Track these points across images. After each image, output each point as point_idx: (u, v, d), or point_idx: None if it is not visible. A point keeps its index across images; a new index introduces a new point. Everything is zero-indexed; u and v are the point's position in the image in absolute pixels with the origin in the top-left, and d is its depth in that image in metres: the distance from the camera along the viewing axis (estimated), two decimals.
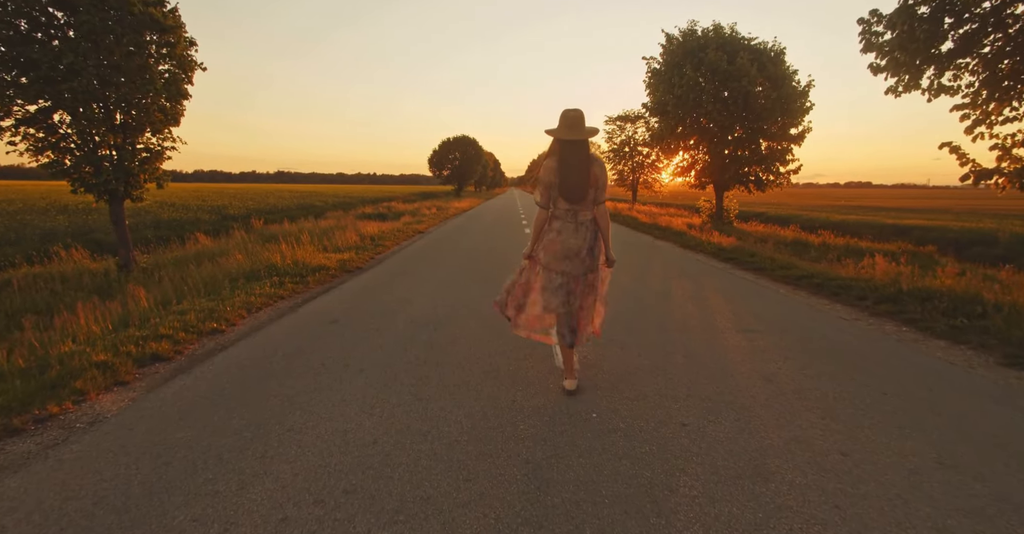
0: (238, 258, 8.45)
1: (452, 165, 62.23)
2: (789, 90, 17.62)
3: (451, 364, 4.04)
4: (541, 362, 4.09)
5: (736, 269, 8.69)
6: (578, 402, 3.31)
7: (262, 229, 14.64)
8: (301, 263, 8.29)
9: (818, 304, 6.07)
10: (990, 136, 8.10)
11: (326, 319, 5.47)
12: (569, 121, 3.40)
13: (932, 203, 47.88)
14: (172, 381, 3.77)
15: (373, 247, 11.24)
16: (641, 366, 3.95)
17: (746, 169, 18.84)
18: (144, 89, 8.34)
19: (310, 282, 7.42)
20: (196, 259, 9.71)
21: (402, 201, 38.34)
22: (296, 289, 6.98)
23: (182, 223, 16.77)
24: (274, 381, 3.71)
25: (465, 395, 3.44)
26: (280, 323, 5.36)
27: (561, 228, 3.45)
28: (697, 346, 4.44)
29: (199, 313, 5.45)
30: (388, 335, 4.84)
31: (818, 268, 7.80)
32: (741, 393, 3.42)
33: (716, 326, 5.07)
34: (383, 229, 14.65)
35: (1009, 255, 13.68)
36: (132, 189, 9.03)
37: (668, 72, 19.06)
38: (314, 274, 7.86)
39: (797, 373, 3.78)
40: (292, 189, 61.19)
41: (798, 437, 2.79)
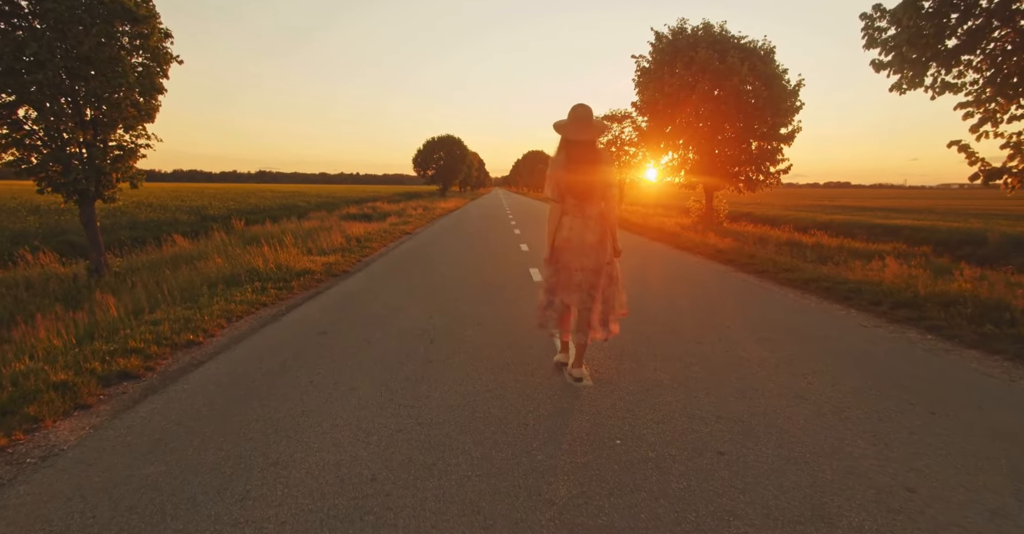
0: (217, 262, 8.00)
1: (437, 165, 61.67)
2: (779, 89, 17.49)
3: (452, 381, 3.69)
4: (550, 378, 3.75)
5: (738, 272, 8.43)
6: (598, 425, 2.98)
7: (243, 230, 14.15)
8: (285, 267, 7.87)
9: (831, 309, 5.80)
10: (995, 134, 7.94)
11: (313, 329, 5.09)
12: (578, 119, 3.49)
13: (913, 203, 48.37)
14: (141, 403, 3.37)
15: (359, 249, 10.82)
16: (660, 382, 3.63)
17: (736, 169, 18.69)
18: (116, 83, 7.87)
19: (294, 287, 7.01)
20: (173, 263, 9.23)
21: (387, 201, 37.82)
22: (280, 295, 6.57)
23: (159, 224, 16.20)
24: (256, 402, 3.33)
25: (471, 418, 3.09)
26: (263, 334, 4.96)
27: (572, 224, 3.57)
28: (716, 357, 4.13)
29: (174, 323, 5.03)
30: (381, 348, 4.47)
31: (823, 271, 7.56)
32: (776, 413, 3.11)
33: (731, 335, 4.77)
34: (369, 230, 14.22)
35: (998, 255, 13.65)
36: (103, 189, 8.55)
37: (658, 70, 18.84)
38: (298, 279, 7.44)
39: (830, 389, 3.48)
40: (274, 189, 60.25)
41: (853, 469, 2.48)
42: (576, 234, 3.56)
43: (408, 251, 11.24)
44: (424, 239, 13.87)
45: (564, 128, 3.56)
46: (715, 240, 11.97)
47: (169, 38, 8.62)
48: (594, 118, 3.57)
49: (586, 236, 3.56)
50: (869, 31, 8.16)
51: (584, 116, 3.50)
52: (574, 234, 3.57)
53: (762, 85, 17.22)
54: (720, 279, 7.85)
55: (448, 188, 64.73)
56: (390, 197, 46.92)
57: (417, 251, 11.09)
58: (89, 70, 7.73)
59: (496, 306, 6.03)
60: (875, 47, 8.08)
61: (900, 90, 7.96)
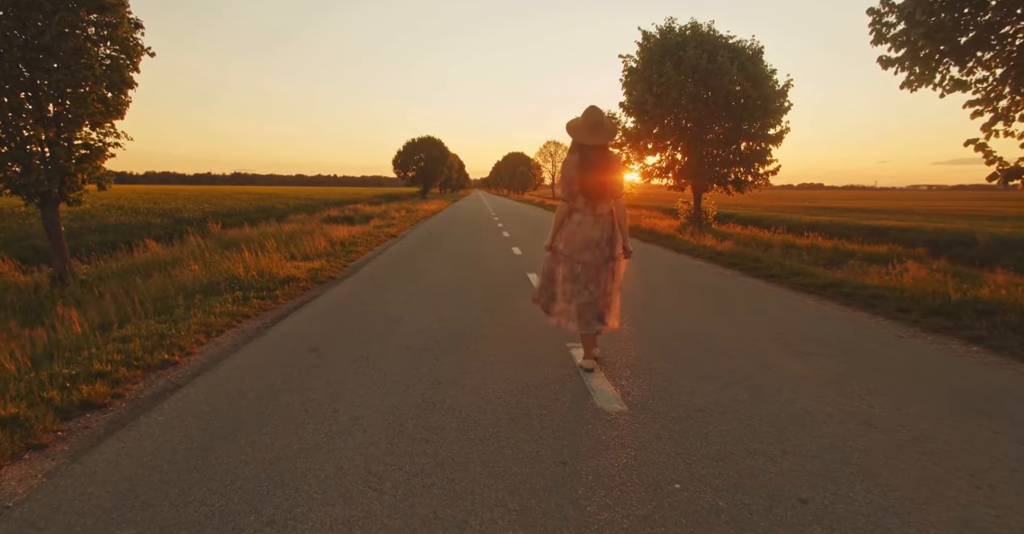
0: (194, 269, 7.44)
1: (417, 166, 60.97)
2: (768, 90, 17.33)
3: (469, 408, 3.24)
4: (577, 402, 3.33)
5: (746, 276, 8.10)
6: (647, 464, 2.56)
7: (220, 234, 13.50)
8: (267, 274, 7.34)
9: (858, 318, 5.47)
10: (1005, 133, 7.73)
11: (303, 345, 4.60)
12: (591, 123, 3.63)
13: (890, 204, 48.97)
14: (107, 441, 2.88)
15: (345, 254, 10.30)
16: (703, 407, 3.22)
17: (725, 170, 18.49)
18: (80, 76, 7.28)
19: (279, 297, 6.49)
20: (145, 269, 8.63)
21: (367, 203, 37.12)
22: (263, 306, 6.05)
23: (130, 228, 15.43)
24: (244, 439, 2.86)
25: (499, 456, 2.66)
26: (246, 351, 4.46)
27: (581, 220, 3.72)
28: (756, 376, 3.74)
29: (146, 339, 4.51)
30: (382, 367, 4.01)
31: (838, 275, 7.25)
32: (847, 446, 2.72)
33: (764, 348, 4.39)
34: (353, 233, 13.68)
35: (989, 255, 13.59)
36: (68, 191, 7.93)
37: (646, 70, 18.57)
38: (283, 287, 6.92)
39: (896, 414, 3.11)
40: (250, 191, 59.02)
41: (968, 521, 2.10)
42: (584, 229, 3.72)
43: (396, 255, 10.75)
44: (411, 242, 13.36)
45: (577, 132, 3.70)
46: (712, 242, 11.67)
47: (140, 29, 8.03)
48: (605, 119, 3.69)
49: (593, 233, 3.71)
50: (877, 26, 7.90)
51: (597, 120, 3.64)
52: (582, 229, 3.73)
53: (751, 85, 17.03)
54: (731, 284, 7.51)
55: (429, 190, 64.07)
56: (370, 199, 46.13)
57: (405, 255, 10.60)
58: (51, 62, 7.12)
59: (500, 315, 5.60)
60: (883, 43, 7.83)
61: (911, 87, 7.71)
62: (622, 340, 4.67)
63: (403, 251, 11.40)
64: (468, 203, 47.77)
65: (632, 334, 4.87)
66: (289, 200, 36.41)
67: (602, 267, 3.73)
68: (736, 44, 17.87)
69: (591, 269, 3.73)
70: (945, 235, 17.00)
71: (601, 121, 3.66)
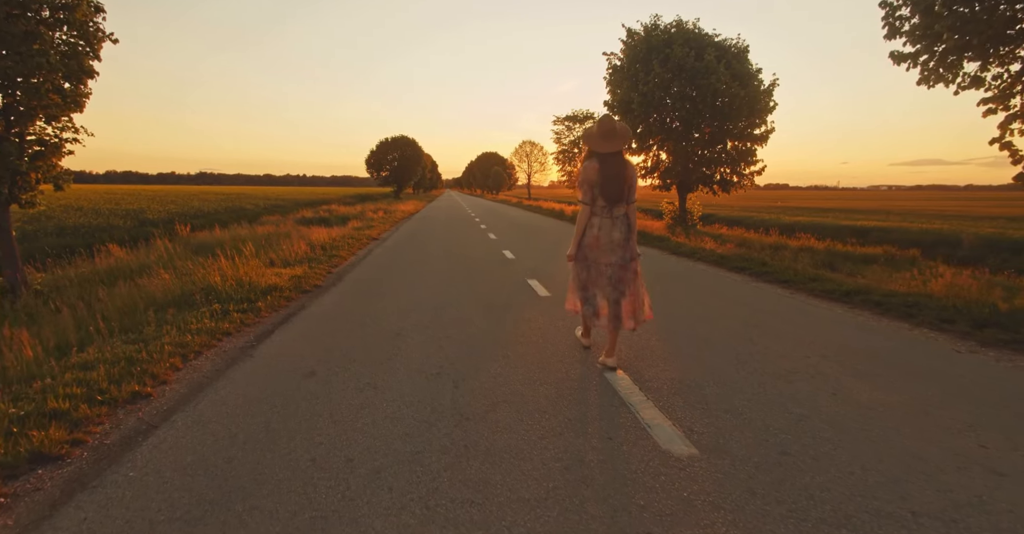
0: (164, 277, 6.73)
1: (391, 166, 59.93)
2: (754, 89, 17.14)
3: (510, 453, 2.71)
4: (637, 440, 2.82)
5: (758, 281, 7.71)
6: (731, 526, 2.07)
7: (189, 237, 12.67)
8: (247, 283, 6.67)
9: (900, 329, 5.08)
10: (1020, 133, 7.50)
11: (296, 369, 4.00)
12: (605, 131, 3.87)
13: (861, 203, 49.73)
14: (64, 509, 2.28)
15: (327, 259, 9.64)
16: (787, 448, 2.74)
17: (711, 170, 18.26)
18: (33, 63, 6.51)
19: (262, 309, 5.85)
20: (109, 278, 7.86)
21: (341, 204, 36.17)
22: (245, 320, 5.42)
23: (92, 230, 14.42)
24: (240, 503, 2.28)
25: (565, 524, 2.13)
26: (231, 378, 3.85)
27: (601, 224, 3.94)
28: (828, 405, 3.28)
29: (112, 366, 3.86)
30: (394, 397, 3.45)
31: (860, 282, 6.90)
32: (986, 505, 2.26)
33: (820, 368, 3.95)
34: (333, 236, 12.98)
35: (975, 256, 13.56)
36: (20, 191, 7.14)
37: (631, 68, 18.24)
38: (265, 297, 6.28)
39: (1013, 453, 2.68)
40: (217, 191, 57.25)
41: None
42: (605, 233, 3.93)
43: (382, 259, 10.12)
44: (395, 245, 12.72)
45: (592, 140, 3.93)
46: (712, 245, 11.31)
47: (101, 13, 7.27)
48: (618, 126, 3.90)
49: (614, 234, 3.92)
50: (890, 20, 7.60)
51: (610, 128, 3.86)
52: (603, 233, 3.93)
53: (739, 84, 16.80)
54: (748, 291, 7.11)
55: (403, 190, 63.08)
56: (343, 199, 45.04)
57: (392, 259, 9.98)
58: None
59: (512, 330, 5.07)
60: (898, 37, 7.52)
61: (929, 84, 7.42)
62: (655, 357, 4.19)
63: (388, 255, 10.78)
64: (444, 203, 47.03)
65: (664, 349, 4.40)
66: (259, 200, 35.22)
67: (627, 266, 3.95)
68: (722, 43, 17.64)
69: (619, 269, 3.94)
70: (929, 235, 17.02)
71: (614, 128, 3.88)
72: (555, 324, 5.30)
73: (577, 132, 33.41)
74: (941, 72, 7.32)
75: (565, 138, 33.76)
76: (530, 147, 56.63)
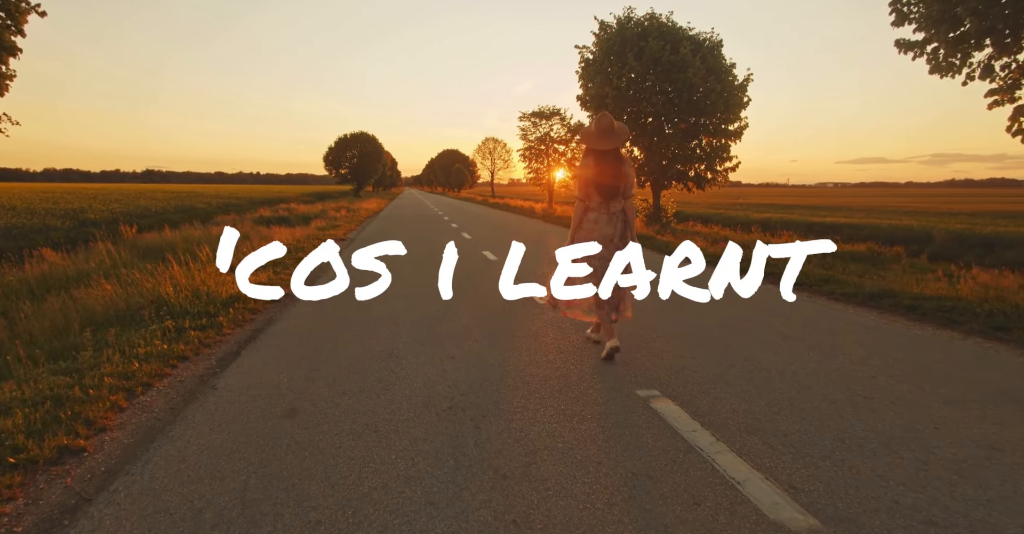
0: (106, 288, 5.80)
1: (350, 163, 58.31)
2: (728, 84, 16.87)
3: (564, 526, 2.05)
4: (734, 505, 2.20)
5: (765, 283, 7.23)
6: None
7: (135, 239, 11.53)
8: (205, 293, 5.80)
9: (954, 339, 4.58)
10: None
11: (273, 405, 3.25)
12: (602, 128, 3.93)
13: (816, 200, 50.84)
14: None
15: (293, 262, 8.76)
16: (928, 514, 2.15)
17: (687, 166, 17.94)
18: None
19: (223, 325, 5.02)
20: (38, 289, 6.83)
21: (300, 202, 34.77)
22: (205, 339, 4.59)
23: (24, 232, 13.06)
24: None
25: None
26: (190, 420, 3.07)
27: (597, 218, 4.00)
28: (941, 446, 2.71)
29: (34, 408, 3.03)
30: (402, 446, 2.74)
31: (880, 284, 6.47)
32: None
33: (902, 393, 3.40)
34: (296, 237, 12.05)
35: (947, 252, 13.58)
36: None
37: (605, 62, 17.75)
38: (227, 310, 5.44)
39: None
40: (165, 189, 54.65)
41: None
42: (600, 227, 4.01)
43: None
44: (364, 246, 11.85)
45: (589, 138, 4.02)
46: (702, 244, 10.85)
47: None
48: (615, 124, 3.98)
49: (608, 230, 3.99)
50: (898, 6, 7.21)
51: (607, 125, 3.94)
52: (598, 227, 4.01)
53: (715, 79, 16.50)
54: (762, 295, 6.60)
55: (363, 188, 61.50)
56: (300, 198, 43.46)
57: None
58: None
59: (521, 347, 4.41)
60: (907, 23, 7.14)
61: (941, 74, 7.06)
62: (699, 380, 3.60)
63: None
64: (407, 201, 45.84)
65: (704, 370, 3.80)
66: (211, 199, 33.48)
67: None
68: (696, 36, 17.31)
69: (607, 263, 3.94)
70: (901, 231, 17.12)
71: (611, 126, 3.95)
72: (567, 338, 4.66)
73: (543, 128, 32.84)
74: (951, 61, 6.96)
75: (531, 134, 33.07)
76: (493, 144, 55.88)
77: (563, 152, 32.49)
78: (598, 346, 4.37)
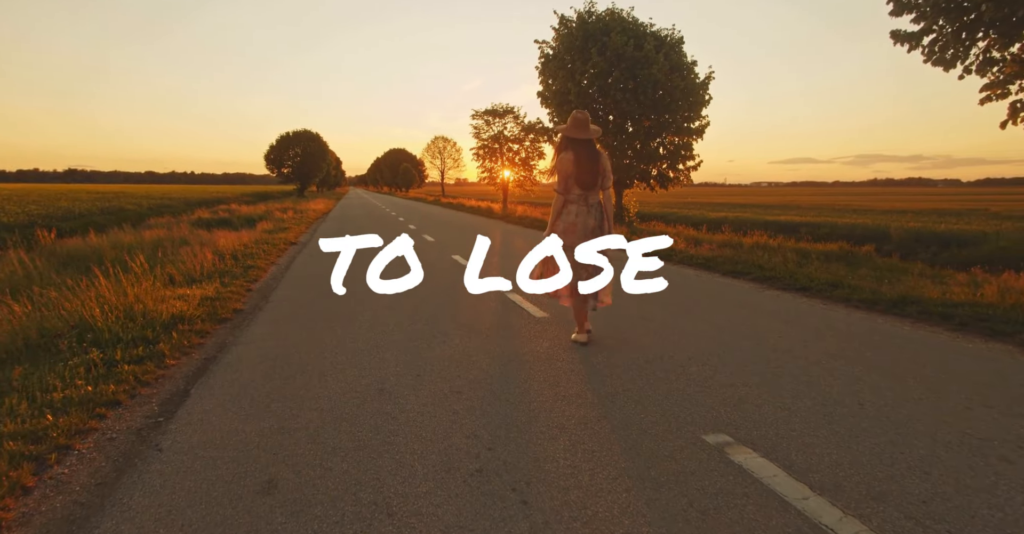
0: (14, 310, 4.73)
1: (293, 162, 55.96)
2: (691, 81, 16.64)
3: None
4: None
5: (769, 289, 6.77)
6: None
7: (54, 245, 10.17)
8: (141, 312, 4.83)
9: (1014, 354, 4.15)
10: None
11: (242, 475, 2.43)
12: (578, 123, 4.14)
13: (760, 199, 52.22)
14: None
15: (243, 271, 7.78)
16: None
17: (650, 165, 17.62)
18: None
19: (166, 354, 4.10)
20: None
21: (240, 203, 32.85)
22: (142, 375, 3.67)
23: None
24: None
25: None
26: (126, 502, 2.23)
27: (577, 211, 4.16)
28: None
29: None
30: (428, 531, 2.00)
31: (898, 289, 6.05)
32: None
33: (1015, 431, 2.90)
34: (243, 241, 10.93)
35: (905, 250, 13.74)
36: None
37: (567, 57, 17.21)
38: (169, 333, 4.51)
39: None
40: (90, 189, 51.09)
41: None
42: (581, 219, 4.14)
43: (312, 269, 8.37)
44: (319, 251, 10.87)
45: (568, 129, 4.16)
46: (683, 245, 10.41)
47: None
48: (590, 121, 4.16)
49: (588, 221, 4.15)
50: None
51: (584, 120, 4.13)
52: (579, 219, 4.14)
53: (679, 76, 16.22)
54: (779, 304, 6.12)
55: (307, 188, 59.20)
56: (240, 198, 41.28)
57: (325, 268, 8.25)
58: None
59: (539, 377, 3.70)
60: (907, 13, 6.83)
61: (947, 67, 6.78)
62: (773, 420, 2.98)
63: (318, 262, 9.00)
64: (355, 201, 44.19)
65: (774, 403, 3.20)
66: (142, 200, 31.19)
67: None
68: (658, 32, 17.00)
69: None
70: (859, 229, 17.34)
71: (587, 121, 4.13)
72: (588, 361, 4.00)
73: (497, 126, 32.11)
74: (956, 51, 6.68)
75: (485, 133, 32.28)
76: (443, 143, 54.78)
77: (517, 151, 31.86)
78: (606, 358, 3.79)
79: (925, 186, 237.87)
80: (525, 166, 31.80)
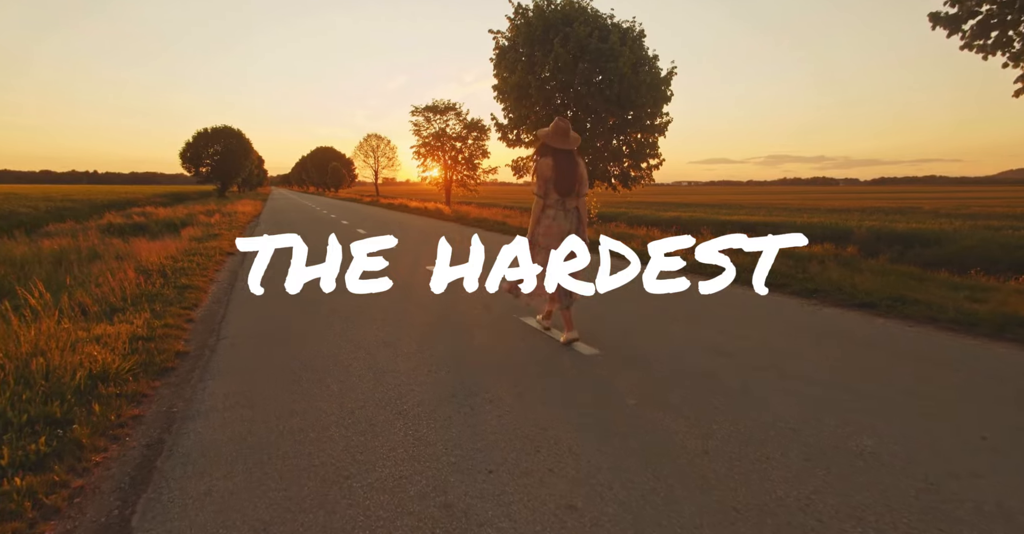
0: None
1: (213, 160, 52.07)
2: (654, 76, 15.95)
3: None
4: None
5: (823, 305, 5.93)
6: None
7: None
8: (42, 371, 3.33)
9: None
10: None
11: None
12: (560, 131, 4.22)
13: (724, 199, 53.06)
14: None
15: (178, 294, 6.19)
16: None
17: (612, 164, 16.84)
18: None
19: (84, 444, 2.68)
20: None
21: (156, 205, 29.79)
22: (48, 497, 2.27)
23: None
24: None
25: None
26: None
27: (555, 215, 4.29)
28: None
29: None
30: None
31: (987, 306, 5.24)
32: None
33: None
34: (169, 252, 9.15)
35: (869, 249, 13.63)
36: None
37: (525, 49, 16.13)
38: (86, 405, 3.06)
39: None
40: None
41: None
42: (559, 223, 4.29)
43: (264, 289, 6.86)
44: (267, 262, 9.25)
45: (550, 137, 4.27)
46: None
47: None
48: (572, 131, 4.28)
49: (565, 225, 4.30)
50: None
51: (565, 128, 4.24)
52: (556, 223, 4.29)
53: (645, 70, 15.49)
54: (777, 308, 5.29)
55: (228, 188, 55.32)
56: (153, 199, 37.66)
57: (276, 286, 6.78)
58: None
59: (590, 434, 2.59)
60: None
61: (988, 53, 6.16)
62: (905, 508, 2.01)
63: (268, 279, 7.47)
64: (283, 203, 41.15)
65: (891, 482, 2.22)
66: (37, 202, 27.52)
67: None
68: (620, 24, 16.21)
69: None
70: (819, 229, 17.24)
71: (568, 130, 4.24)
72: (622, 401, 2.91)
73: (438, 123, 30.67)
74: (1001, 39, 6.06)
75: (425, 130, 30.78)
76: (376, 141, 52.50)
77: (460, 149, 30.55)
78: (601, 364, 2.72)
79: (829, 185, 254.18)
80: (469, 165, 30.56)
